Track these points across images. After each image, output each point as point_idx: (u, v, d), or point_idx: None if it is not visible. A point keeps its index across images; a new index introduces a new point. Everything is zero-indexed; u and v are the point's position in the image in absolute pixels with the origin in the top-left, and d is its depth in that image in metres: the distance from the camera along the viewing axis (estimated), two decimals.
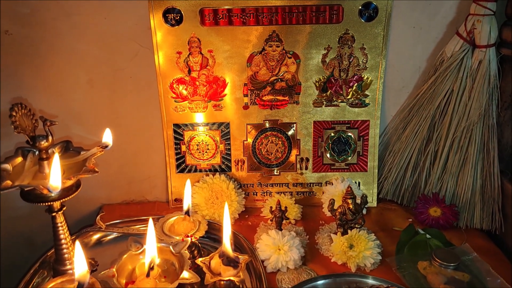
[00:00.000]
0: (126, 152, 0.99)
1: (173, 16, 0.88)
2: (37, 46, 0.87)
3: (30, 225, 1.04)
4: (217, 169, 1.00)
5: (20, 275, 0.82)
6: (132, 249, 0.74)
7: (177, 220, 0.84)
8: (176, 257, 0.74)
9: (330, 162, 1.00)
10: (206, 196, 0.95)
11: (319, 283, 0.75)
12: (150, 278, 0.71)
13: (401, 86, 0.98)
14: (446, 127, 0.93)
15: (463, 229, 0.94)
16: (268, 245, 0.84)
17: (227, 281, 0.75)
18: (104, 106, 0.94)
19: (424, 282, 0.79)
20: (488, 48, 0.87)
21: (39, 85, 0.90)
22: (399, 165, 0.98)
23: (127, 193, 1.04)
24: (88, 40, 0.89)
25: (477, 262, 0.83)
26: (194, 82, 0.93)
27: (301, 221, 0.97)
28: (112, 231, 0.86)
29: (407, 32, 0.93)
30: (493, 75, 0.88)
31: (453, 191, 0.95)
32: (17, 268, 1.01)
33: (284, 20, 0.90)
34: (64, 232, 0.68)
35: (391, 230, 0.94)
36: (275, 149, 0.99)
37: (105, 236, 0.90)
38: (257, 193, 1.01)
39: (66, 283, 0.61)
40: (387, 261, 0.85)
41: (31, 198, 0.62)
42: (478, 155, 0.93)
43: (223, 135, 0.98)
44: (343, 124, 0.98)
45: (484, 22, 0.86)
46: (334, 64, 0.93)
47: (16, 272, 0.99)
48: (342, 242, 0.85)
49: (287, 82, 0.95)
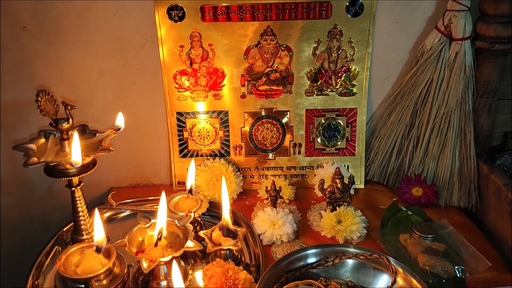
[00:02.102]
0: (133, 138, 1.06)
1: (176, 12, 0.96)
2: (52, 40, 0.94)
3: (44, 207, 1.12)
4: (217, 154, 1.08)
5: (35, 253, 0.88)
6: (141, 223, 0.83)
7: (181, 199, 0.92)
8: (181, 229, 0.82)
9: (321, 147, 1.08)
10: (207, 178, 1.03)
11: (310, 252, 0.83)
12: (158, 247, 0.80)
13: (385, 76, 1.05)
14: (427, 113, 1.01)
15: (442, 207, 1.02)
16: (264, 220, 0.93)
17: (227, 250, 0.84)
18: (113, 95, 1.01)
19: (405, 252, 0.88)
20: (463, 41, 0.95)
21: (54, 76, 0.97)
22: (385, 149, 1.06)
23: (134, 177, 1.11)
24: (99, 35, 0.96)
25: (453, 235, 0.92)
26: (196, 74, 1.01)
27: (294, 201, 1.05)
28: (122, 208, 0.94)
29: (390, 27, 1.00)
30: (468, 65, 0.96)
31: (434, 172, 1.03)
32: (33, 246, 1.09)
33: (277, 16, 0.97)
34: (81, 205, 0.77)
35: (377, 208, 1.02)
36: (270, 135, 1.07)
37: (115, 214, 0.98)
38: (254, 176, 1.09)
39: (85, 248, 0.69)
40: (372, 234, 0.93)
41: (54, 174, 0.70)
42: (456, 139, 1.00)
43: (222, 123, 1.06)
44: (333, 112, 1.06)
45: (459, 17, 0.93)
46: (324, 56, 1.01)
47: (31, 250, 1.07)
48: (331, 218, 0.93)
49: (281, 73, 1.02)
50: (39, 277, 0.83)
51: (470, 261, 0.84)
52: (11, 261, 1.11)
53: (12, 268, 1.11)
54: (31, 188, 1.09)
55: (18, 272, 1.08)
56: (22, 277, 0.97)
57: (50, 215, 1.13)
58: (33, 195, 1.11)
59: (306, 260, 0.83)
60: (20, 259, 1.14)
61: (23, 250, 1.12)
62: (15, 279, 1.08)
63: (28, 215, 1.12)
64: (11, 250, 1.11)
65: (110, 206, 0.90)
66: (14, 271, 1.10)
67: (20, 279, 0.97)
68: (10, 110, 1.00)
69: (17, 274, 1.05)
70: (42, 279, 0.83)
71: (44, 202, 1.12)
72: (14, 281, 1.07)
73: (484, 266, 0.83)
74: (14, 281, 1.07)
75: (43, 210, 1.12)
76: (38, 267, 0.84)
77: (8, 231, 1.12)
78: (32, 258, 0.89)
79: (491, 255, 0.87)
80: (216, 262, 0.79)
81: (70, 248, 0.68)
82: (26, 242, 1.12)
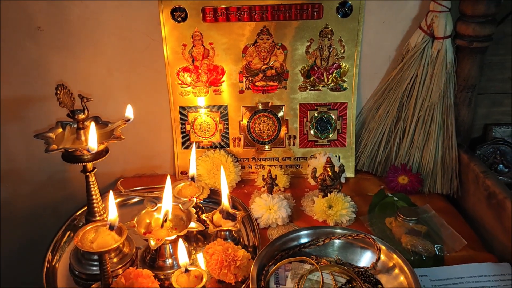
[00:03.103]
0: (138, 131, 1.13)
1: (179, 13, 1.03)
2: (65, 40, 1.01)
3: (55, 196, 1.19)
4: (217, 145, 1.15)
5: (47, 240, 0.95)
6: (148, 207, 0.90)
7: (184, 186, 0.99)
8: (184, 213, 0.89)
9: (314, 139, 1.15)
10: (208, 168, 1.11)
11: (302, 233, 0.90)
12: (164, 228, 0.87)
13: (374, 72, 1.12)
14: (412, 107, 1.08)
15: (426, 193, 1.09)
16: (260, 205, 1.00)
17: (226, 231, 0.92)
18: (121, 91, 1.08)
19: (390, 233, 0.95)
20: (445, 39, 1.02)
21: (66, 73, 1.04)
22: (374, 141, 1.13)
23: (139, 167, 1.18)
24: (108, 35, 1.03)
25: (434, 218, 0.99)
26: (197, 70, 1.09)
27: (289, 189, 1.12)
28: (130, 194, 1.02)
29: (377, 27, 1.07)
30: (449, 62, 1.04)
31: (419, 162, 1.10)
32: (45, 233, 1.16)
33: (273, 17, 1.04)
34: (94, 189, 0.84)
35: (366, 195, 1.09)
36: (267, 128, 1.14)
37: (124, 201, 1.05)
38: (252, 166, 1.17)
39: (100, 227, 0.77)
40: (361, 218, 1.01)
41: (71, 159, 0.77)
42: (439, 130, 1.07)
43: (222, 116, 1.13)
44: (325, 106, 1.13)
45: (441, 18, 1.00)
46: (316, 54, 1.09)
47: (44, 237, 1.14)
48: (322, 203, 1.01)
49: (276, 70, 1.10)
50: (54, 257, 0.91)
51: (448, 241, 0.92)
52: (27, 245, 1.19)
53: (28, 252, 1.19)
54: (44, 178, 1.16)
55: (34, 255, 1.16)
56: (37, 259, 1.05)
57: (61, 204, 1.20)
58: (45, 185, 1.18)
59: (299, 240, 0.90)
60: (34, 243, 1.21)
61: (36, 236, 1.20)
62: (31, 263, 1.15)
63: (40, 204, 1.20)
64: (26, 236, 1.19)
65: (119, 192, 0.98)
66: (31, 254, 1.18)
67: (35, 262, 1.04)
68: (25, 104, 1.07)
69: (34, 256, 1.13)
70: (58, 257, 0.90)
71: (55, 192, 1.19)
72: (30, 264, 1.15)
73: (461, 244, 0.91)
74: (30, 264, 1.14)
75: (54, 200, 1.20)
76: (54, 248, 0.91)
77: (23, 219, 1.20)
78: (45, 243, 0.97)
79: (469, 236, 0.95)
80: (217, 242, 0.86)
81: (86, 226, 0.75)
82: (39, 229, 1.20)
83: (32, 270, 1.05)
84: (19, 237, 1.20)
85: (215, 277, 0.84)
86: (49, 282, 0.83)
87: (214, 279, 0.85)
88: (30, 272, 1.10)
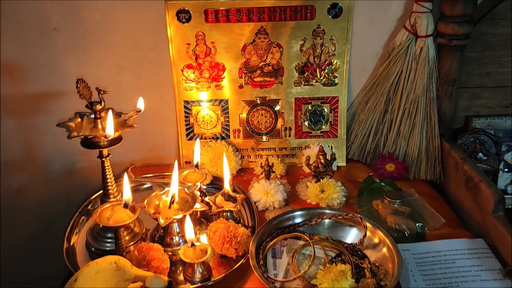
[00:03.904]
0: (146, 124, 1.20)
1: (183, 15, 1.11)
2: (79, 40, 1.10)
3: (67, 186, 1.27)
4: (219, 136, 1.23)
5: (60, 224, 1.03)
6: (157, 190, 0.99)
7: (189, 173, 1.07)
8: (190, 195, 0.98)
9: (308, 130, 1.24)
10: (210, 157, 1.20)
11: (296, 213, 0.99)
12: (171, 209, 0.96)
13: (362, 68, 1.20)
14: (398, 100, 1.16)
15: (412, 180, 1.17)
16: (259, 190, 1.09)
17: (228, 212, 1.01)
18: (130, 86, 1.16)
19: (376, 214, 1.04)
20: (427, 37, 1.11)
21: (80, 71, 1.13)
22: (363, 132, 1.21)
23: (147, 158, 1.26)
24: (118, 34, 1.11)
25: (418, 201, 1.08)
26: (200, 67, 1.18)
27: (285, 176, 1.20)
28: (140, 180, 1.11)
29: (366, 26, 1.15)
30: (431, 58, 1.12)
31: (405, 150, 1.18)
32: (58, 218, 1.25)
33: (270, 18, 1.13)
34: (109, 174, 0.93)
35: (356, 181, 1.17)
36: (265, 120, 1.23)
37: (133, 187, 1.13)
38: (251, 156, 1.25)
39: (115, 205, 0.86)
40: (350, 202, 1.10)
41: (89, 145, 0.87)
42: (423, 122, 1.15)
43: (223, 110, 1.22)
44: (318, 100, 1.22)
45: (423, 18, 1.09)
46: (310, 52, 1.17)
47: (57, 222, 1.23)
48: (315, 188, 1.10)
49: (273, 66, 1.18)
50: (72, 237, 1.00)
51: (429, 220, 1.01)
52: (42, 229, 1.28)
53: (44, 235, 1.28)
54: (57, 168, 1.25)
55: (49, 238, 1.25)
56: (52, 242, 1.14)
57: (73, 192, 1.28)
58: (58, 174, 1.27)
59: (294, 220, 0.99)
60: (49, 227, 1.29)
61: (50, 221, 1.28)
62: (47, 244, 1.24)
63: (54, 192, 1.28)
64: (41, 221, 1.28)
65: (130, 178, 1.07)
66: (47, 237, 1.27)
67: (51, 244, 1.13)
68: (42, 100, 1.16)
69: (49, 239, 1.22)
70: (75, 237, 1.00)
71: (68, 181, 1.27)
72: (46, 247, 1.24)
73: (440, 222, 1.00)
74: (46, 248, 1.23)
75: (67, 188, 1.28)
76: (72, 228, 1.00)
77: (38, 205, 1.28)
78: (58, 227, 1.06)
79: (449, 217, 1.04)
80: (220, 220, 0.96)
81: (103, 205, 0.85)
82: (53, 214, 1.29)
83: (49, 251, 1.15)
84: (35, 222, 1.28)
85: (218, 252, 0.93)
86: (70, 259, 0.92)
87: (217, 254, 0.94)
88: (47, 253, 1.20)
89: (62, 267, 0.96)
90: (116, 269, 0.69)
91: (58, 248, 0.97)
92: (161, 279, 0.72)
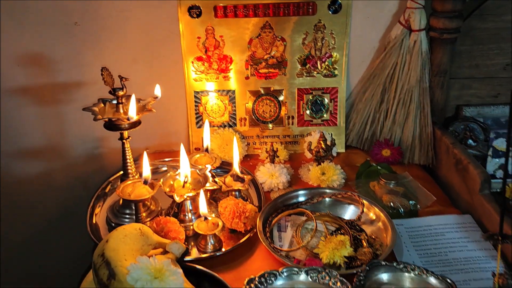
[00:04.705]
0: (158, 113, 1.26)
1: (194, 11, 1.20)
2: (98, 34, 1.18)
3: (85, 171, 1.35)
4: (226, 125, 1.31)
5: (79, 210, 1.12)
6: (171, 172, 1.08)
7: (199, 157, 1.15)
8: (201, 176, 1.07)
9: (309, 119, 1.32)
10: (218, 143, 1.28)
11: (300, 193, 1.08)
12: (185, 188, 1.05)
13: (360, 61, 1.28)
14: (394, 90, 1.24)
15: (406, 164, 1.26)
16: (264, 172, 1.18)
17: (237, 191, 1.10)
18: (144, 78, 1.23)
19: (373, 194, 1.13)
20: (420, 31, 1.19)
21: (97, 63, 1.21)
22: (361, 120, 1.29)
23: (159, 145, 1.34)
24: (134, 29, 1.19)
25: (411, 182, 1.17)
26: (209, 59, 1.26)
27: (288, 161, 1.28)
28: (154, 164, 1.20)
29: (363, 21, 1.23)
30: (424, 51, 1.21)
31: (400, 137, 1.26)
32: (76, 201, 1.34)
33: (274, 13, 1.21)
34: (129, 155, 1.02)
35: (354, 166, 1.24)
36: (269, 110, 1.31)
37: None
38: (256, 143, 1.33)
39: (136, 183, 0.95)
40: (349, 184, 1.18)
41: (112, 128, 0.96)
42: (417, 110, 1.23)
43: (230, 99, 1.30)
44: (319, 90, 1.30)
45: (416, 13, 1.17)
46: (311, 45, 1.26)
47: (76, 204, 1.32)
48: (316, 170, 1.18)
49: (277, 59, 1.27)
50: (93, 214, 1.09)
51: (421, 198, 1.10)
52: (65, 210, 1.37)
53: (67, 215, 1.37)
54: (76, 155, 1.34)
55: (71, 217, 1.34)
56: (73, 220, 1.22)
57: (90, 177, 1.36)
58: (76, 160, 1.35)
59: (297, 199, 1.08)
60: (69, 209, 1.38)
61: (70, 203, 1.37)
62: (70, 221, 1.33)
63: (72, 177, 1.37)
64: (62, 204, 1.37)
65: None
66: (70, 216, 1.35)
67: (73, 222, 1.22)
68: (61, 90, 1.25)
69: (71, 219, 1.31)
70: (97, 215, 1.09)
71: (85, 167, 1.35)
72: (71, 223, 1.32)
73: (431, 200, 1.09)
74: (71, 223, 1.32)
75: (84, 173, 1.36)
76: (93, 205, 1.09)
77: (56, 190, 1.37)
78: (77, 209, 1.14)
79: (440, 197, 1.13)
80: (229, 198, 1.04)
81: (125, 182, 0.93)
82: (72, 198, 1.37)
83: (73, 228, 1.23)
84: (57, 204, 1.37)
85: (228, 226, 1.01)
86: (94, 233, 1.01)
87: (227, 228, 1.03)
88: (72, 230, 1.29)
89: (83, 245, 1.05)
90: (140, 234, 0.78)
91: (78, 229, 1.06)
92: (180, 245, 0.80)
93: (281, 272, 0.83)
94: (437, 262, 0.93)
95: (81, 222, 1.06)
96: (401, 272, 0.85)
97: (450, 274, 0.88)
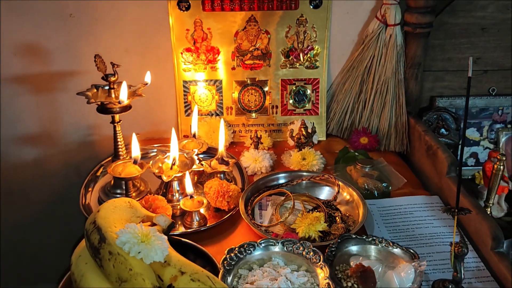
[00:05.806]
0: (148, 102, 1.34)
1: (183, 4, 1.27)
2: (92, 25, 1.25)
3: (77, 157, 1.41)
4: (213, 113, 1.38)
5: (71, 194, 1.18)
6: (160, 155, 1.15)
7: (187, 142, 1.21)
8: (188, 159, 1.14)
9: (292, 108, 1.39)
10: (206, 131, 1.35)
11: (280, 175, 1.15)
12: (173, 170, 1.12)
13: (341, 54, 1.36)
14: (371, 81, 1.32)
15: (382, 151, 1.33)
16: (248, 157, 1.25)
17: (221, 173, 1.17)
18: (136, 68, 1.29)
19: (349, 177, 1.20)
20: (395, 26, 1.27)
21: (91, 53, 1.26)
22: (341, 110, 1.37)
23: (149, 132, 1.40)
24: (126, 21, 1.26)
25: (386, 167, 1.24)
26: (197, 51, 1.33)
27: (272, 148, 1.35)
28: (144, 148, 1.27)
29: (343, 16, 1.31)
30: (399, 44, 1.28)
31: (377, 125, 1.34)
32: (68, 187, 1.41)
33: (259, 7, 1.28)
34: (120, 137, 1.09)
35: (334, 153, 1.32)
36: (254, 99, 1.38)
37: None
38: (242, 131, 1.40)
39: (126, 163, 1.02)
40: (328, 168, 1.26)
41: (104, 111, 1.03)
42: (393, 101, 1.32)
43: (217, 89, 1.37)
44: (301, 81, 1.37)
45: (391, 9, 1.25)
46: (294, 38, 1.33)
47: (68, 189, 1.38)
48: (297, 156, 1.25)
49: (262, 50, 1.34)
50: (87, 194, 1.15)
51: (394, 181, 1.18)
52: (57, 195, 1.43)
53: (59, 200, 1.43)
54: (69, 141, 1.40)
55: (64, 202, 1.40)
56: (67, 204, 1.29)
57: (82, 164, 1.42)
58: (70, 147, 1.41)
59: (278, 181, 1.15)
60: (62, 194, 1.44)
61: (62, 188, 1.44)
62: (64, 204, 1.40)
63: (65, 163, 1.43)
64: (54, 189, 1.44)
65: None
66: (64, 201, 1.42)
67: (67, 205, 1.28)
68: (57, 79, 1.32)
69: (64, 204, 1.37)
70: (89, 195, 1.15)
71: (78, 153, 1.42)
72: (60, 211, 1.39)
73: (402, 182, 1.17)
74: (60, 211, 1.39)
75: (77, 160, 1.43)
76: (86, 187, 1.16)
77: (50, 175, 1.44)
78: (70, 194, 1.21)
79: (412, 180, 1.20)
80: (214, 179, 1.12)
81: (116, 162, 1.00)
82: (64, 183, 1.44)
83: (63, 216, 1.30)
84: (51, 189, 1.44)
85: (212, 205, 1.08)
86: (87, 212, 1.07)
87: (212, 208, 1.10)
88: (65, 213, 1.35)
89: (76, 228, 1.11)
90: (129, 206, 0.84)
91: (70, 212, 1.12)
92: (166, 217, 0.87)
93: (259, 243, 0.90)
94: (405, 237, 1.01)
95: (74, 205, 1.12)
96: (369, 245, 0.93)
97: (416, 248, 0.96)
